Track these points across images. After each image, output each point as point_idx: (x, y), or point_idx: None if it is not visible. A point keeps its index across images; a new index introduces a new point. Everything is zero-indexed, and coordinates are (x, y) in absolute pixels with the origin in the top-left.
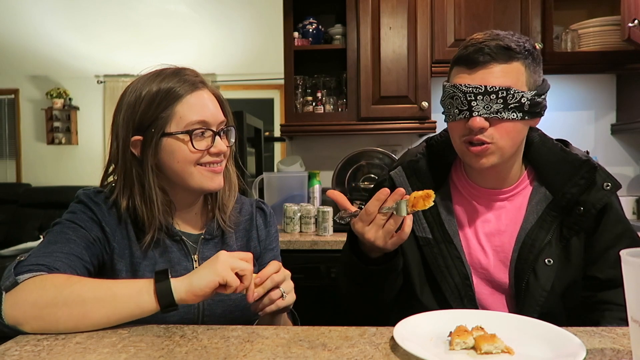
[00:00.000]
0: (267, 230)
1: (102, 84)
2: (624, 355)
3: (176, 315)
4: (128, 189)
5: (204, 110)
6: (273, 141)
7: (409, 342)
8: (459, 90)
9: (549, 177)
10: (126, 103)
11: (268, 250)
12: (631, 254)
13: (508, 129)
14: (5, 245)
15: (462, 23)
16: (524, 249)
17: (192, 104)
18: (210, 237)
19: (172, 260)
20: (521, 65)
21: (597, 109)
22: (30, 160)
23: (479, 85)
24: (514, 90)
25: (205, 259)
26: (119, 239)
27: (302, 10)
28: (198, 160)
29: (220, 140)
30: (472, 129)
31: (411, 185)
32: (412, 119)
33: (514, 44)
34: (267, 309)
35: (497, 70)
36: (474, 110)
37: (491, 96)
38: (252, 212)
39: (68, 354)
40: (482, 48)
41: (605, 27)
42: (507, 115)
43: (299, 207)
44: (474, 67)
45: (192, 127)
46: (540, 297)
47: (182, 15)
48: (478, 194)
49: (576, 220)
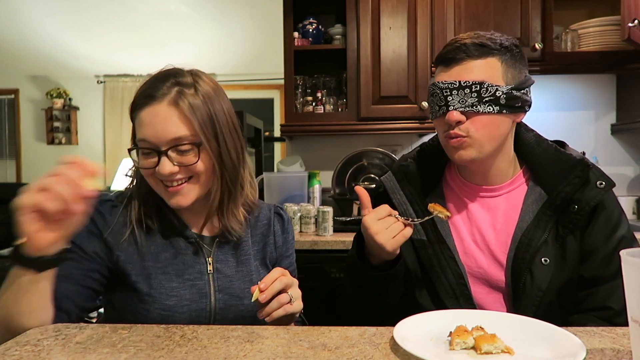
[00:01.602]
0: (285, 237)
1: (102, 84)
2: (624, 355)
3: (187, 319)
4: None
5: (148, 127)
6: (273, 141)
7: (409, 342)
8: (437, 88)
9: (544, 177)
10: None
11: (284, 257)
12: (631, 254)
13: (484, 122)
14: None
15: (462, 23)
16: (520, 248)
17: (141, 119)
18: (225, 241)
19: (186, 262)
20: (497, 60)
21: (597, 109)
22: (30, 160)
23: (454, 81)
24: (488, 84)
25: (220, 262)
26: (124, 246)
27: (302, 10)
28: (152, 176)
29: (167, 161)
30: (449, 122)
31: (402, 189)
32: (412, 119)
33: (490, 41)
34: (275, 313)
35: (472, 66)
36: (449, 104)
37: (465, 90)
38: (270, 218)
39: (68, 354)
40: (459, 46)
41: (605, 27)
42: (482, 108)
43: (299, 207)
44: (450, 64)
45: (139, 144)
46: (537, 296)
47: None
48: (470, 191)
49: (571, 219)
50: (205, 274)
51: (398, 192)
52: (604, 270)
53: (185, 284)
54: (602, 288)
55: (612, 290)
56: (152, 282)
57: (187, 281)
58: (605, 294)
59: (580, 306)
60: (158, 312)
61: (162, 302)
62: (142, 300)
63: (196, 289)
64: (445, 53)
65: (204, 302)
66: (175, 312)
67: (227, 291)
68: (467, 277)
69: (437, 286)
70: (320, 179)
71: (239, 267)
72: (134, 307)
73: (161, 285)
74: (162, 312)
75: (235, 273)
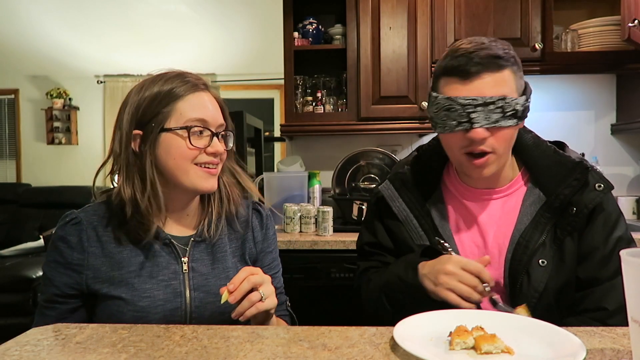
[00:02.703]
0: (264, 233)
1: (102, 84)
2: (624, 355)
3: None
4: (131, 181)
5: (204, 110)
6: (273, 141)
7: (409, 342)
8: (456, 103)
9: (543, 179)
10: (130, 101)
11: (267, 253)
12: (631, 254)
13: (505, 136)
14: (5, 245)
15: (462, 23)
16: (518, 249)
17: (192, 102)
18: (201, 240)
19: (160, 264)
20: (510, 72)
21: (597, 109)
22: (30, 160)
23: (477, 97)
24: (510, 98)
25: (196, 261)
26: (91, 262)
27: (302, 10)
28: (194, 158)
29: (217, 141)
30: (474, 140)
31: (401, 196)
32: (412, 119)
33: (502, 52)
34: (247, 312)
35: (491, 80)
36: (474, 121)
37: (489, 106)
38: (248, 214)
39: (68, 354)
40: (473, 58)
41: (605, 27)
42: (505, 123)
43: (299, 207)
44: (467, 78)
45: (191, 124)
46: (533, 297)
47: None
48: (470, 194)
49: (569, 221)
50: (180, 273)
51: (397, 200)
52: (601, 271)
53: (159, 285)
54: (597, 289)
55: (607, 291)
56: (124, 287)
57: (161, 282)
58: (601, 295)
59: (575, 307)
60: (131, 314)
61: (135, 304)
62: (115, 304)
63: (170, 288)
64: (458, 65)
65: (179, 301)
66: (149, 313)
67: (203, 289)
68: None
69: None
70: (320, 179)
71: (215, 264)
72: (108, 311)
73: (134, 288)
74: (136, 314)
75: (212, 270)
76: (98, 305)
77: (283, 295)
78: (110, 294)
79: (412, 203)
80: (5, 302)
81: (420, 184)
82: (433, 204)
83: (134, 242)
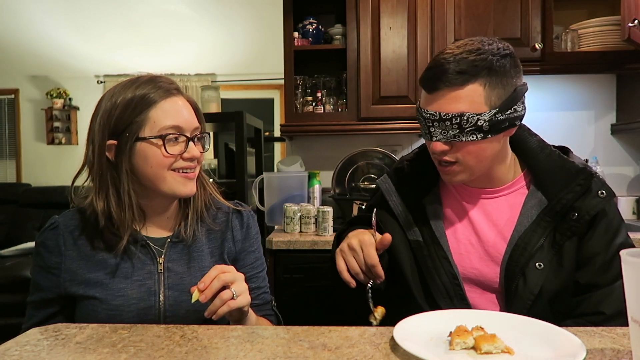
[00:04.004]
0: (245, 232)
1: (102, 84)
2: (624, 355)
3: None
4: (104, 192)
5: (178, 116)
6: (273, 141)
7: (409, 342)
8: (421, 115)
9: (546, 183)
10: (102, 109)
11: (249, 252)
12: (631, 254)
13: (470, 150)
14: (5, 245)
15: (462, 23)
16: (516, 251)
17: (165, 109)
18: (178, 240)
19: (135, 264)
20: (478, 85)
21: (597, 109)
22: (30, 160)
23: (434, 112)
24: (469, 114)
25: (172, 261)
26: (67, 265)
27: (302, 10)
28: (171, 165)
29: (193, 145)
30: (434, 152)
31: (398, 191)
32: (412, 119)
33: (471, 66)
34: (220, 310)
35: (452, 97)
36: (432, 135)
37: (446, 123)
38: (228, 214)
39: (68, 354)
40: (440, 73)
41: (605, 27)
42: (465, 137)
43: (299, 207)
44: (430, 92)
45: (166, 132)
46: (528, 300)
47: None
48: (468, 194)
49: (570, 226)
50: (155, 273)
51: (394, 194)
52: (600, 277)
53: (133, 284)
54: (595, 294)
55: (605, 295)
56: (98, 288)
57: (135, 282)
58: (599, 299)
59: (572, 311)
60: (105, 313)
61: (109, 303)
62: (90, 303)
63: (145, 288)
64: (427, 78)
65: (153, 300)
66: (122, 311)
67: (177, 288)
68: (460, 277)
69: (431, 287)
70: (320, 179)
71: (191, 263)
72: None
73: (108, 288)
74: (109, 312)
75: (187, 269)
76: (76, 306)
77: (268, 294)
78: (86, 294)
79: (408, 198)
80: (5, 302)
81: (418, 180)
82: (429, 200)
83: (109, 248)
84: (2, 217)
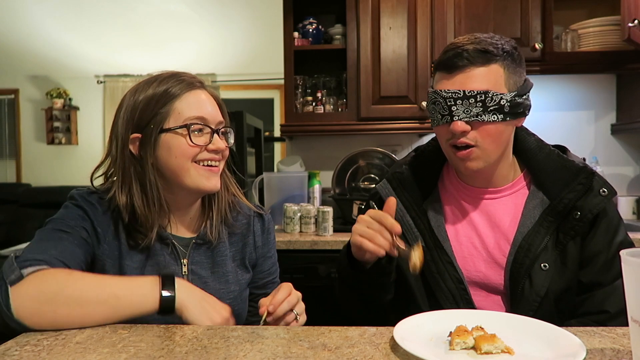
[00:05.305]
0: (265, 237)
1: (102, 84)
2: (624, 355)
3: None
4: (127, 186)
5: (202, 108)
6: (273, 141)
7: (409, 342)
8: (440, 96)
9: (547, 183)
10: (125, 105)
11: (267, 258)
12: (631, 254)
13: (490, 131)
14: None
15: (462, 23)
16: (520, 252)
17: (190, 101)
18: (203, 242)
19: (160, 263)
20: (499, 67)
21: (597, 109)
22: (30, 160)
23: (458, 90)
24: (492, 92)
25: (196, 263)
26: (109, 240)
27: (302, 10)
28: (195, 156)
29: (218, 138)
30: (454, 132)
31: (398, 195)
32: (412, 119)
33: (492, 47)
34: None
35: (475, 74)
36: (454, 114)
37: (470, 100)
38: (250, 217)
39: (68, 354)
40: (461, 52)
41: (605, 27)
42: (487, 117)
43: (299, 207)
44: (453, 72)
45: (190, 122)
46: (534, 301)
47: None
48: (469, 195)
49: (572, 225)
50: (179, 275)
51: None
52: (603, 275)
53: None
54: (599, 292)
55: (609, 294)
56: None
57: None
58: (602, 298)
59: (576, 310)
60: None
61: None
62: None
63: None
64: (447, 59)
65: None
66: None
67: None
68: (466, 281)
69: (436, 292)
70: (320, 179)
71: (214, 268)
72: None
73: None
74: None
75: (211, 274)
76: None
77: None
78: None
79: (408, 203)
80: None
81: (418, 184)
82: (430, 204)
83: (134, 246)
84: (2, 217)
